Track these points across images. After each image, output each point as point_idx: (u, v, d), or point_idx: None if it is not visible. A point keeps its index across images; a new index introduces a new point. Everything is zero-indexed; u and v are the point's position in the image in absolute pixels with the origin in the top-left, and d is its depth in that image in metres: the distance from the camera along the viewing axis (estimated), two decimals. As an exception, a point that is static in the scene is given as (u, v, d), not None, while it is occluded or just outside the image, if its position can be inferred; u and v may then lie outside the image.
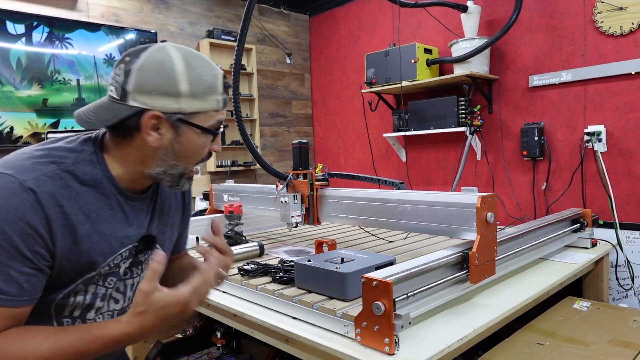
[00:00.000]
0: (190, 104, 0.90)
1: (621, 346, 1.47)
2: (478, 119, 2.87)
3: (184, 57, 0.89)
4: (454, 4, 2.90)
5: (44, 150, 0.89)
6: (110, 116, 0.89)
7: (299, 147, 2.08)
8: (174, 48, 0.90)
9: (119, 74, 0.87)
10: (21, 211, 0.79)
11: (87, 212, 0.89)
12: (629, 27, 2.39)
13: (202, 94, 0.91)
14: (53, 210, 0.83)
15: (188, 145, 0.93)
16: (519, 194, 2.91)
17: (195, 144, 0.94)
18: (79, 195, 0.88)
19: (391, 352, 1.12)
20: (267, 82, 4.11)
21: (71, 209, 0.86)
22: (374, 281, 1.14)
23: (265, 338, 1.44)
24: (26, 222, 0.80)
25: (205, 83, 0.91)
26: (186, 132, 0.92)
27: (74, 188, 0.87)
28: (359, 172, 3.61)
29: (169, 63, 0.88)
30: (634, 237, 2.41)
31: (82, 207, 0.88)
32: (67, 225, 0.85)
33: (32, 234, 0.81)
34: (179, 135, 0.92)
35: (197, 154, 0.96)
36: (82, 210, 0.88)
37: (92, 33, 3.05)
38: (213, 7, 3.75)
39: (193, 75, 0.90)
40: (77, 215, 0.87)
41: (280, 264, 1.71)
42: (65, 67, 2.94)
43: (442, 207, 1.54)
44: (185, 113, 0.90)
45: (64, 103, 2.94)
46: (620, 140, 2.47)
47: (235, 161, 3.79)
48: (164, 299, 0.85)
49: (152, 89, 0.87)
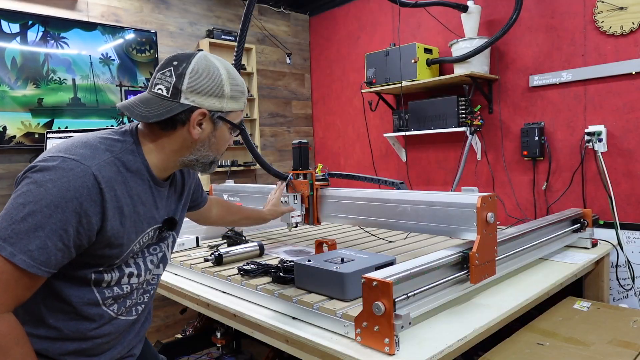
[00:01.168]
0: (229, 104, 1.08)
1: (621, 346, 1.46)
2: (478, 119, 2.87)
3: (224, 65, 1.07)
4: (454, 4, 2.90)
5: (98, 139, 1.01)
6: (164, 111, 1.01)
7: (299, 147, 2.08)
8: (214, 57, 1.07)
9: (170, 75, 1.02)
10: (79, 192, 0.91)
11: (131, 194, 1.02)
12: (629, 27, 2.39)
13: (237, 96, 1.09)
14: (109, 194, 0.96)
15: (221, 138, 1.11)
16: (519, 194, 2.91)
17: (226, 137, 1.12)
18: (126, 180, 1.01)
19: (391, 352, 1.12)
20: (267, 82, 4.11)
21: (121, 192, 0.99)
22: (374, 281, 1.14)
23: (265, 338, 1.44)
24: (80, 202, 0.91)
25: (240, 88, 1.10)
26: (221, 127, 1.09)
27: (123, 173, 1.00)
28: (359, 172, 3.61)
29: (216, 69, 1.05)
30: (634, 237, 2.41)
31: (128, 190, 1.01)
32: (117, 207, 0.98)
33: (82, 214, 0.92)
34: (216, 129, 1.09)
35: (224, 145, 1.14)
36: (128, 193, 1.01)
37: (88, 32, 3.01)
38: (213, 7, 3.75)
39: (232, 81, 1.08)
40: (125, 198, 1.00)
41: (280, 264, 1.71)
42: (61, 66, 2.91)
43: (442, 207, 1.54)
44: (224, 112, 1.08)
45: (59, 103, 2.90)
46: (621, 140, 2.47)
47: (235, 161, 3.78)
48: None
49: (203, 90, 1.03)
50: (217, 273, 1.73)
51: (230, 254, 1.87)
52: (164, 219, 1.14)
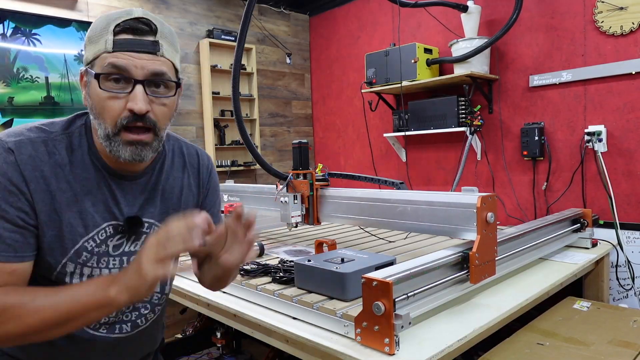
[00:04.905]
0: (89, 50, 0.87)
1: (621, 346, 1.46)
2: (478, 119, 2.87)
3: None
4: (454, 4, 2.90)
5: (40, 123, 0.92)
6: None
7: (299, 147, 2.08)
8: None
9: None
10: (3, 168, 0.83)
11: (70, 181, 0.89)
12: (629, 27, 2.39)
13: (95, 37, 0.86)
14: (31, 173, 0.85)
15: (94, 96, 0.87)
16: (519, 194, 2.91)
17: (97, 93, 0.86)
18: (65, 164, 0.89)
19: (391, 352, 1.12)
20: (267, 82, 4.11)
21: (52, 175, 0.87)
22: (374, 281, 1.14)
23: (265, 338, 1.44)
24: (7, 178, 0.83)
25: (100, 25, 0.86)
26: (92, 82, 0.87)
27: (60, 156, 0.89)
28: (359, 172, 3.61)
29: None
30: (634, 237, 2.41)
31: (66, 175, 0.89)
32: (46, 191, 0.87)
33: (14, 191, 0.83)
34: (89, 86, 0.89)
35: (101, 106, 0.86)
36: (66, 179, 0.89)
37: (62, 29, 2.89)
38: (213, 7, 3.75)
39: (97, 21, 0.88)
40: (59, 183, 0.88)
41: (280, 264, 1.71)
42: (33, 64, 2.78)
43: (442, 207, 1.55)
44: (88, 62, 0.88)
45: (31, 102, 2.78)
46: (621, 140, 2.47)
47: (235, 161, 3.78)
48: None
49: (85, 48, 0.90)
50: (217, 273, 1.72)
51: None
52: (127, 216, 0.96)
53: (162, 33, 0.89)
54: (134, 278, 0.79)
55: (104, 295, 0.80)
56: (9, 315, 0.78)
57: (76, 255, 0.91)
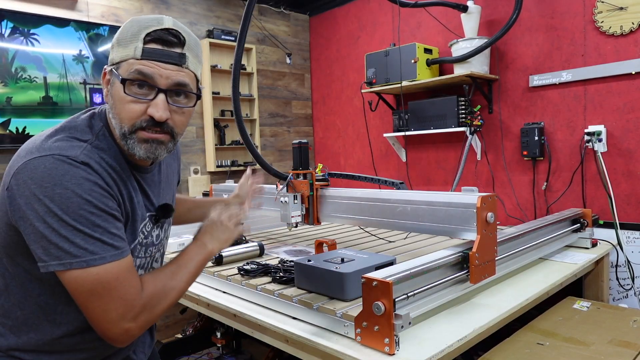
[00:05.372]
0: (117, 52, 0.91)
1: (621, 346, 1.46)
2: (478, 119, 2.87)
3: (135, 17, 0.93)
4: (454, 4, 2.90)
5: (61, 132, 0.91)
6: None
7: (299, 147, 2.08)
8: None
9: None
10: (90, 179, 0.85)
11: (124, 179, 0.96)
12: (629, 27, 2.39)
13: (124, 40, 0.90)
14: (107, 178, 0.90)
15: (116, 96, 0.91)
16: (519, 194, 2.91)
17: (119, 94, 0.90)
18: (113, 167, 0.93)
19: (391, 352, 1.12)
20: (267, 82, 4.11)
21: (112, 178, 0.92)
22: (374, 281, 1.14)
23: (265, 338, 1.44)
24: (99, 186, 0.86)
25: (130, 30, 0.90)
26: (115, 83, 0.91)
27: (105, 159, 0.92)
28: (359, 172, 3.61)
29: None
30: (634, 237, 2.41)
31: (119, 176, 0.94)
32: (118, 191, 0.93)
33: (108, 195, 0.88)
34: (112, 86, 0.92)
35: (121, 107, 0.90)
36: (121, 180, 0.95)
37: (60, 29, 2.88)
38: (213, 7, 3.75)
39: (126, 25, 0.91)
40: (118, 185, 0.93)
41: (280, 264, 1.71)
42: (31, 64, 2.78)
43: (442, 207, 1.54)
44: (114, 63, 0.91)
45: (29, 102, 2.77)
46: (620, 140, 2.47)
47: (235, 161, 3.78)
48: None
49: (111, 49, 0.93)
50: (217, 273, 1.73)
51: (230, 254, 1.87)
52: (158, 205, 1.07)
53: (189, 45, 0.93)
54: (225, 233, 1.08)
55: (207, 250, 1.05)
56: (168, 291, 0.94)
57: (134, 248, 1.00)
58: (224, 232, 1.08)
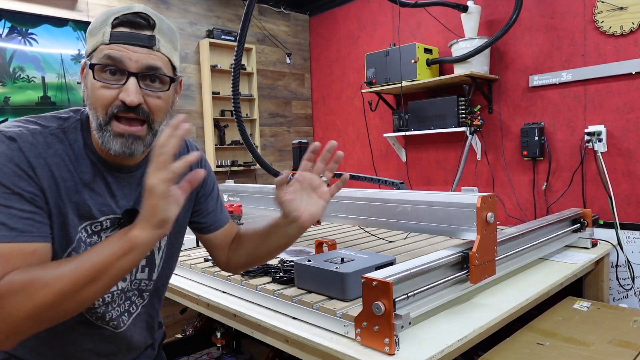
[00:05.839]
0: (89, 42, 0.89)
1: (621, 346, 1.46)
2: (478, 119, 2.87)
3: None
4: (454, 4, 2.90)
5: (34, 117, 0.91)
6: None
7: (299, 147, 2.08)
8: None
9: None
10: (8, 155, 0.82)
11: (71, 171, 0.90)
12: (629, 27, 2.39)
13: (95, 29, 0.88)
14: (36, 160, 0.84)
15: (89, 87, 0.89)
16: (519, 194, 2.91)
17: (91, 82, 0.88)
18: (63, 156, 0.89)
19: (391, 352, 1.12)
20: (267, 82, 4.11)
21: (53, 164, 0.87)
22: (374, 281, 1.14)
23: (265, 338, 1.44)
24: (15, 163, 0.82)
25: (101, 18, 0.88)
26: (89, 73, 0.88)
27: (58, 149, 0.88)
28: (359, 172, 3.61)
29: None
30: (634, 237, 2.41)
31: (67, 165, 0.89)
32: (51, 177, 0.86)
33: (22, 175, 0.82)
34: (86, 77, 0.90)
35: (95, 96, 0.87)
36: (67, 169, 0.89)
37: (59, 29, 2.88)
38: (213, 7, 3.75)
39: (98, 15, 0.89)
40: (61, 172, 0.88)
41: (280, 264, 1.71)
42: (29, 64, 2.78)
43: (442, 207, 1.54)
44: (87, 54, 0.89)
45: (28, 102, 2.77)
46: (621, 140, 2.47)
47: (235, 161, 3.78)
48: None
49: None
50: (217, 273, 1.73)
51: (230, 254, 1.87)
52: (124, 209, 0.97)
53: (160, 29, 0.90)
54: (147, 205, 0.79)
55: (126, 238, 0.79)
56: (36, 286, 0.75)
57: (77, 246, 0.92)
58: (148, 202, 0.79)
